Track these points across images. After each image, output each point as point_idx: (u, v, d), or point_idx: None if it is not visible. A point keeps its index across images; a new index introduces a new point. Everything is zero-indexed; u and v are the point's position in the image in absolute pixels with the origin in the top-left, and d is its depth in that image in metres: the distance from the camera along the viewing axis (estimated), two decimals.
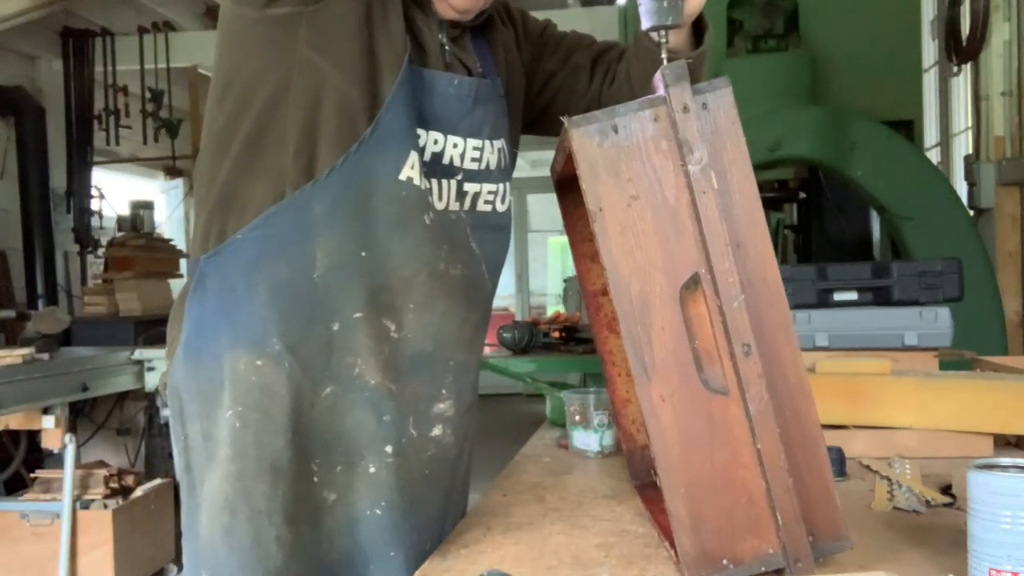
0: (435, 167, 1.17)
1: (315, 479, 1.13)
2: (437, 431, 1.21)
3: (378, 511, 1.15)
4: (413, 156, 1.13)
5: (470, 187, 1.22)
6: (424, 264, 1.15)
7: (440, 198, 1.18)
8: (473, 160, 1.22)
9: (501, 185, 1.27)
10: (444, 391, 1.21)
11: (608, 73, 1.35)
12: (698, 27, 1.22)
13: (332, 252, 1.11)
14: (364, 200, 1.11)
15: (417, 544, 1.18)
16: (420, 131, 1.15)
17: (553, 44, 1.39)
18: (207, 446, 1.13)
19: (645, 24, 1.03)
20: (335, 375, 1.13)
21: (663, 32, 1.03)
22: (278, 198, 1.11)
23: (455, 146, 1.19)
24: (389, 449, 1.16)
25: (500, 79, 1.28)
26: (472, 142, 1.21)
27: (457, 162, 1.20)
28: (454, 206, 1.20)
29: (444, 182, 1.18)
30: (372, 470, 1.15)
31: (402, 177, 1.12)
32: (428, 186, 1.16)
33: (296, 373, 1.11)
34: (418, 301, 1.16)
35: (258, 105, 1.12)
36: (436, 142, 1.17)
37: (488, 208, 1.25)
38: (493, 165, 1.25)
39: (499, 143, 1.26)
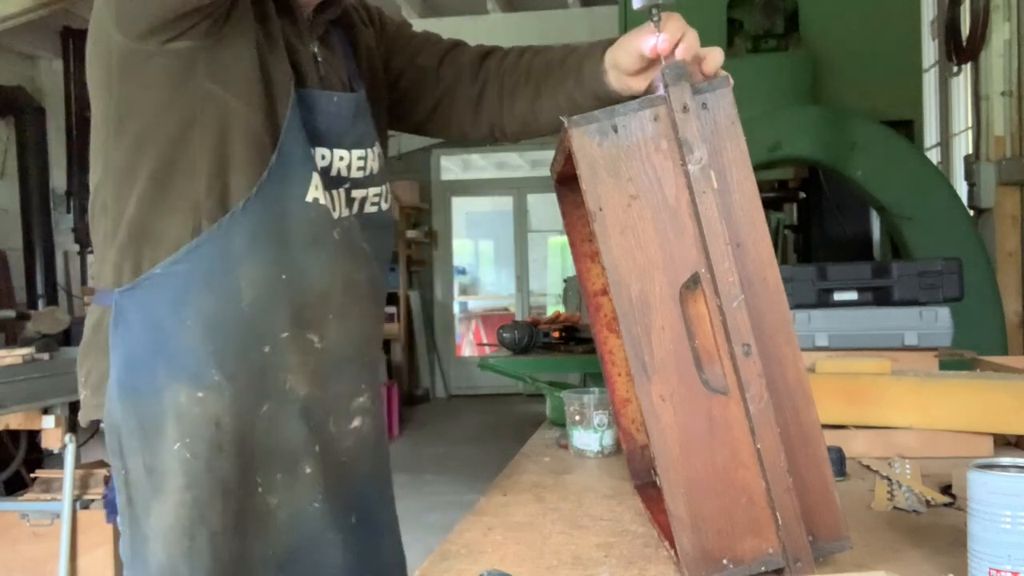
0: (325, 179, 1.21)
1: (259, 489, 1.19)
2: (356, 423, 1.29)
3: (316, 504, 1.23)
4: (315, 177, 1.17)
5: (357, 193, 1.27)
6: (339, 276, 1.22)
7: (334, 208, 1.23)
8: (359, 169, 1.27)
9: (383, 187, 1.32)
10: (363, 386, 1.29)
11: (461, 72, 1.39)
12: None
13: (256, 280, 1.15)
14: (279, 226, 1.15)
15: (347, 522, 1.27)
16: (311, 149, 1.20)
17: (404, 42, 1.43)
18: (151, 479, 1.15)
19: (637, 4, 1.05)
20: (269, 393, 1.19)
21: (655, 11, 1.05)
22: (195, 231, 1.13)
23: (341, 159, 1.24)
24: (317, 448, 1.23)
25: (363, 82, 1.33)
26: (356, 152, 1.26)
27: (344, 173, 1.25)
28: (345, 212, 1.25)
29: (334, 192, 1.23)
30: (308, 470, 1.22)
31: (308, 199, 1.17)
32: (327, 203, 1.21)
33: (237, 399, 1.16)
34: (336, 311, 1.22)
35: (163, 139, 1.12)
36: (324, 157, 1.22)
37: (374, 209, 1.31)
38: (376, 170, 1.30)
39: (376, 149, 1.31)
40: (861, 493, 1.28)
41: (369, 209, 1.30)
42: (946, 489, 1.26)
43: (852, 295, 2.23)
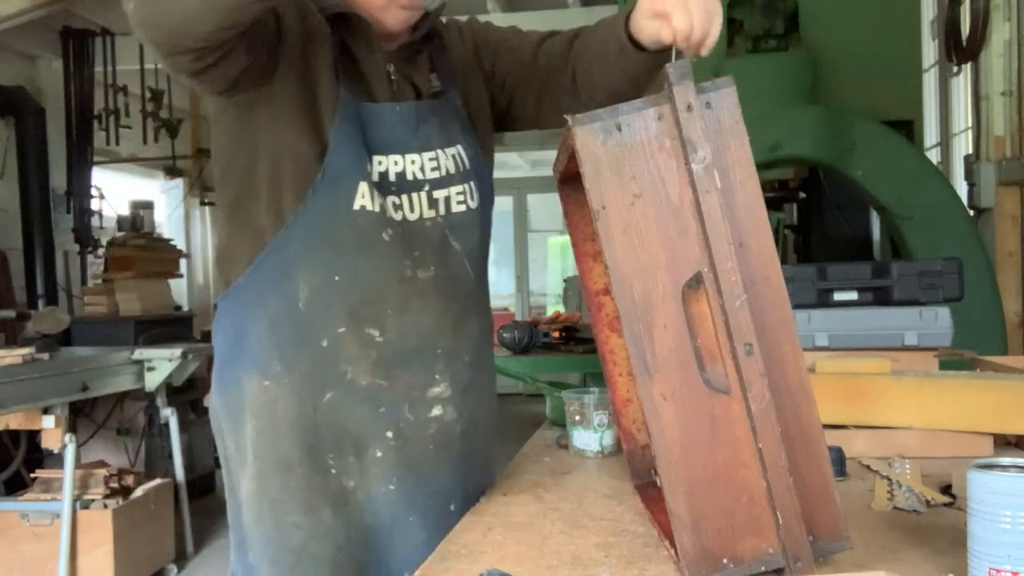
0: (403, 184, 1.34)
1: (334, 471, 1.32)
2: (436, 411, 1.37)
3: (391, 487, 1.34)
4: (363, 186, 1.29)
5: (439, 193, 1.37)
6: (392, 274, 1.32)
7: (412, 210, 1.35)
8: (433, 170, 1.37)
9: (466, 185, 1.41)
10: (437, 376, 1.37)
11: (554, 57, 1.45)
12: None
13: (310, 282, 1.31)
14: (328, 233, 1.30)
15: (434, 507, 1.36)
16: (381, 157, 1.33)
17: (504, 47, 1.51)
18: (239, 455, 1.36)
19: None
20: (331, 383, 1.32)
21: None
22: (261, 247, 1.32)
23: (413, 162, 1.36)
24: (390, 435, 1.34)
25: (457, 91, 1.44)
26: (427, 155, 1.37)
27: (420, 175, 1.36)
28: (428, 214, 1.36)
29: (414, 195, 1.35)
30: (379, 455, 1.33)
31: (356, 207, 1.29)
32: (398, 202, 1.33)
33: (297, 387, 1.31)
34: (394, 306, 1.33)
35: (236, 175, 1.34)
36: (396, 163, 1.34)
37: (463, 208, 1.40)
38: (452, 170, 1.39)
39: (451, 150, 1.40)
40: (861, 493, 1.28)
41: (456, 208, 1.39)
42: (946, 489, 1.26)
43: (852, 295, 2.23)
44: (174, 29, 1.11)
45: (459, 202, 1.39)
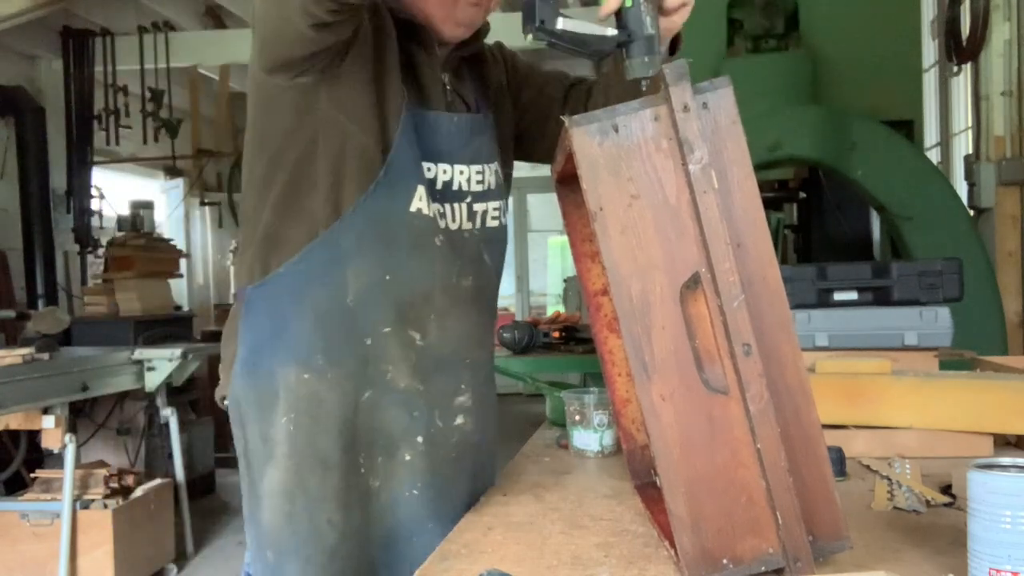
0: (447, 193, 1.36)
1: (362, 470, 1.32)
2: (460, 420, 1.38)
3: (415, 491, 1.34)
4: (420, 190, 1.30)
5: (478, 207, 1.40)
6: (439, 279, 1.33)
7: (454, 220, 1.37)
8: (478, 183, 1.40)
9: (502, 202, 1.45)
10: (463, 386, 1.39)
11: (579, 103, 1.53)
12: (673, 40, 1.33)
13: (360, 278, 1.30)
14: (383, 231, 1.30)
15: (451, 516, 1.33)
16: (430, 164, 1.34)
17: (532, 78, 1.57)
18: (265, 447, 1.31)
19: (629, 76, 1.12)
20: (371, 381, 1.31)
21: (644, 81, 1.12)
22: (312, 236, 1.30)
23: (461, 173, 1.37)
24: (420, 440, 1.34)
25: (490, 112, 1.47)
26: (475, 167, 1.39)
27: (465, 187, 1.38)
28: (467, 225, 1.38)
29: (456, 205, 1.37)
30: (408, 458, 1.33)
31: (412, 209, 1.30)
32: (442, 210, 1.35)
33: (340, 383, 1.30)
34: (437, 311, 1.34)
35: (291, 159, 1.30)
36: (445, 172, 1.36)
37: (496, 224, 1.44)
38: (493, 185, 1.43)
39: (494, 166, 1.44)
40: (861, 493, 1.28)
41: (491, 223, 1.43)
42: (946, 489, 1.26)
43: (852, 295, 2.23)
44: None
45: (493, 217, 1.43)
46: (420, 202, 1.31)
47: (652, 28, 1.12)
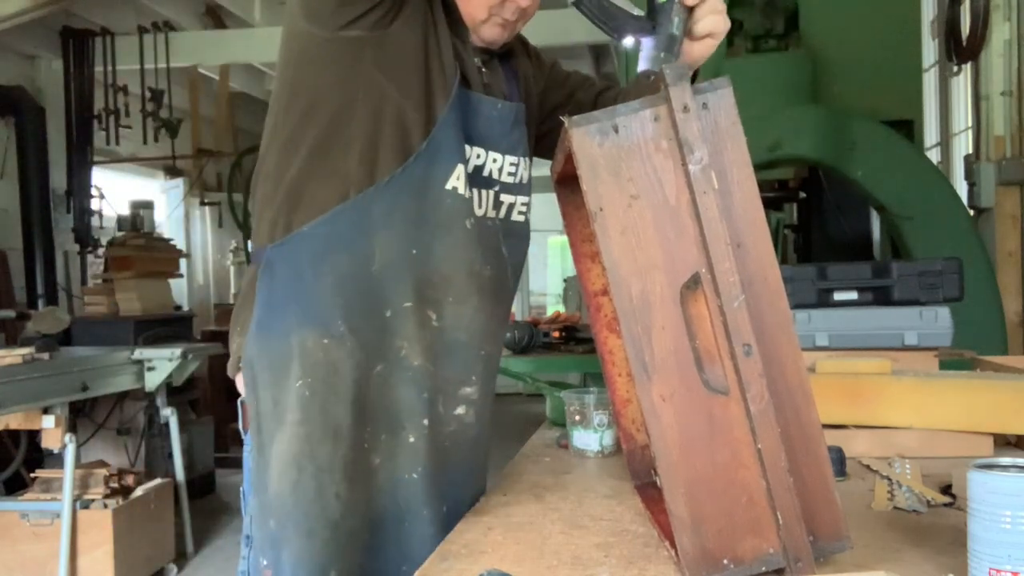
0: (476, 178, 1.33)
1: (365, 445, 1.29)
2: (460, 410, 1.35)
3: (415, 475, 1.31)
4: (459, 168, 1.28)
5: (506, 198, 1.38)
6: (463, 263, 1.31)
7: (480, 206, 1.34)
8: (510, 174, 1.38)
9: (529, 198, 1.43)
10: (474, 377, 1.36)
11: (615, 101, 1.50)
12: (693, 75, 1.34)
13: (387, 248, 1.27)
14: (416, 204, 1.27)
15: (444, 505, 1.33)
16: (467, 146, 1.31)
17: (561, 79, 1.56)
18: (276, 411, 1.27)
19: (642, 67, 1.17)
20: (385, 355, 1.29)
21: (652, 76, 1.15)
22: (342, 198, 1.26)
23: (495, 161, 1.36)
24: (425, 422, 1.31)
25: (522, 104, 1.44)
26: (510, 158, 1.38)
27: (496, 175, 1.36)
28: (491, 214, 1.36)
29: (484, 192, 1.35)
30: (412, 440, 1.31)
31: (448, 187, 1.28)
32: (471, 195, 1.31)
33: (356, 352, 1.26)
34: (456, 295, 1.31)
35: (325, 115, 1.27)
36: (479, 156, 1.34)
37: (521, 219, 1.42)
38: (524, 179, 1.42)
39: (527, 160, 1.43)
40: (861, 493, 1.28)
41: (516, 217, 1.41)
42: (946, 489, 1.26)
43: (852, 295, 2.23)
44: None
45: (520, 212, 1.41)
46: (457, 180, 1.28)
47: (677, 30, 1.19)
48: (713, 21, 1.24)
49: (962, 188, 4.41)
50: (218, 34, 6.90)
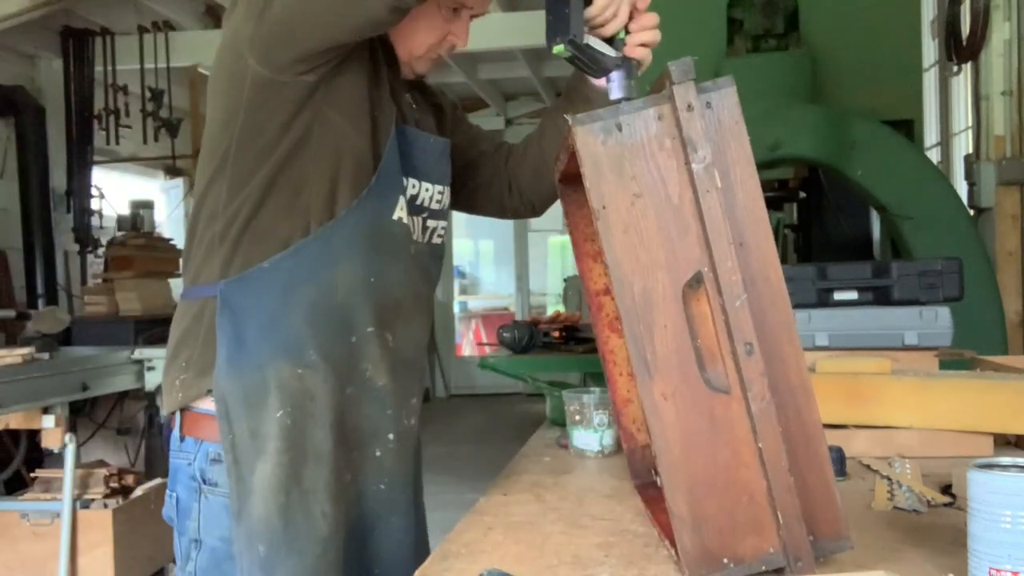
0: (412, 207, 1.43)
1: (341, 463, 1.34)
2: (413, 420, 1.45)
3: (382, 486, 1.39)
4: (402, 200, 1.38)
5: (431, 223, 1.49)
6: (410, 287, 1.41)
7: (413, 232, 1.43)
8: (437, 202, 1.49)
9: (447, 222, 1.55)
10: (416, 388, 1.46)
11: (507, 159, 1.66)
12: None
13: (349, 278, 1.33)
14: (370, 235, 1.34)
15: (409, 511, 1.43)
16: (406, 178, 1.40)
17: (464, 127, 1.66)
18: (255, 442, 1.31)
19: (615, 95, 1.22)
20: (353, 378, 1.35)
21: (623, 101, 1.17)
22: (304, 232, 1.32)
23: (427, 190, 1.46)
24: (391, 437, 1.39)
25: (448, 139, 1.54)
26: (438, 187, 1.49)
27: (426, 204, 1.47)
28: (420, 239, 1.46)
29: (415, 219, 1.45)
30: (378, 454, 1.38)
31: (395, 217, 1.37)
32: (408, 222, 1.41)
33: (329, 378, 1.32)
34: (405, 317, 1.41)
35: (280, 154, 1.31)
36: (414, 187, 1.43)
37: (439, 241, 1.52)
38: (446, 206, 1.53)
39: (448, 188, 1.53)
40: (861, 493, 1.28)
41: (435, 240, 1.51)
42: (946, 489, 1.26)
43: (852, 295, 2.23)
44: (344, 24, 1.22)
45: (439, 235, 1.51)
46: (401, 211, 1.38)
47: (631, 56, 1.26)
48: (652, 35, 1.31)
49: (962, 188, 4.41)
50: (218, 34, 6.88)
